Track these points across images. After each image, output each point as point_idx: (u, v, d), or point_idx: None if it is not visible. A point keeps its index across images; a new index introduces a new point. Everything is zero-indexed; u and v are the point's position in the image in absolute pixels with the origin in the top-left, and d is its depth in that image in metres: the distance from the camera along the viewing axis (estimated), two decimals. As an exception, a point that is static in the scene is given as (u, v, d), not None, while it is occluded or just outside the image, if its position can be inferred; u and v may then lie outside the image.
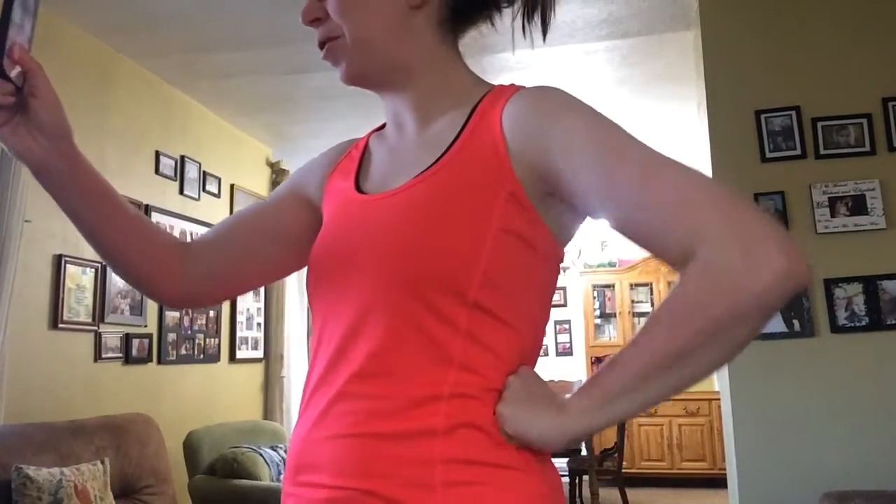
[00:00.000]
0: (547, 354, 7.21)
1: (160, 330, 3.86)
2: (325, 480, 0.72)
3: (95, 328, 3.38)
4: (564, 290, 7.29)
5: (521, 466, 0.72)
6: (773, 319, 2.70)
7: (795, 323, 2.75)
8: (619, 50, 3.73)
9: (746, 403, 2.77)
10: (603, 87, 4.15)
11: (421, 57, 0.83)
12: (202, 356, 4.25)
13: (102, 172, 0.84)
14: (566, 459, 5.42)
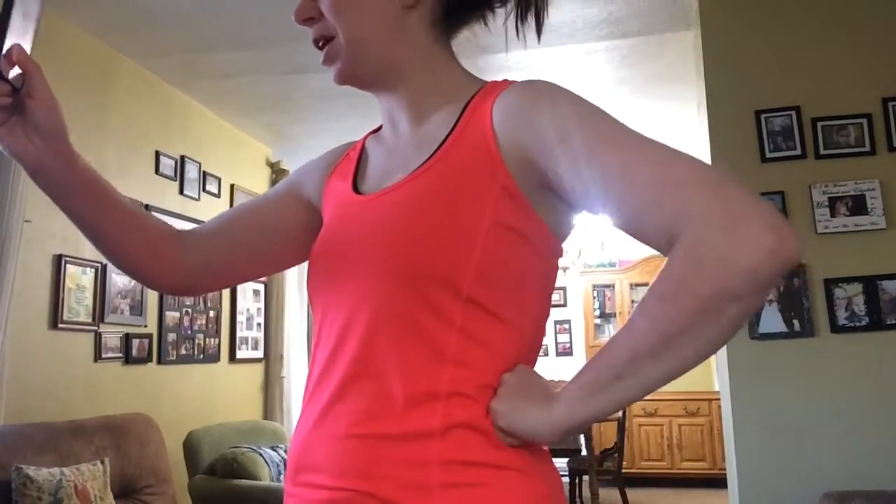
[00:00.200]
0: (547, 354, 7.20)
1: (160, 330, 3.86)
2: (324, 481, 0.73)
3: (95, 328, 3.38)
4: (564, 290, 7.29)
5: (519, 467, 0.72)
6: (766, 301, 2.67)
7: (795, 323, 2.75)
8: (619, 50, 3.72)
9: (746, 403, 2.77)
10: (603, 87, 4.15)
11: (414, 56, 0.83)
12: (202, 356, 4.25)
13: (102, 172, 0.85)
14: (566, 459, 5.41)
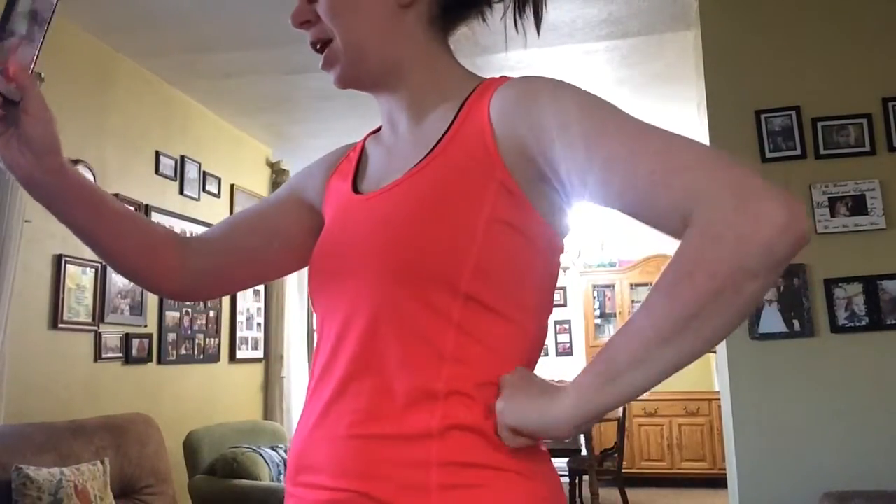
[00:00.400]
0: (547, 354, 7.20)
1: (160, 330, 3.86)
2: (324, 482, 0.73)
3: (95, 328, 3.38)
4: (564, 290, 7.29)
5: (518, 469, 0.71)
6: (766, 301, 2.66)
7: (795, 323, 2.75)
8: (619, 50, 3.72)
9: (746, 403, 2.77)
10: (603, 87, 4.15)
11: (413, 56, 0.83)
12: (202, 356, 4.25)
13: (102, 172, 0.86)
14: (566, 459, 5.41)
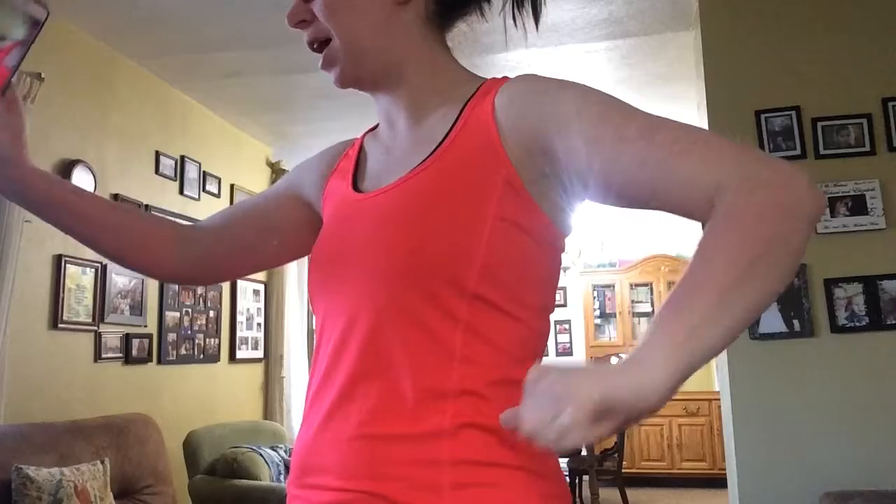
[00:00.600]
0: (547, 354, 7.18)
1: (160, 330, 3.86)
2: (331, 483, 0.72)
3: (95, 328, 3.38)
4: (564, 290, 7.29)
5: (530, 467, 0.71)
6: (775, 319, 2.64)
7: (795, 323, 2.74)
8: (619, 50, 3.72)
9: (746, 403, 2.77)
10: (603, 87, 4.10)
11: (411, 54, 0.82)
12: (202, 356, 4.25)
13: (102, 172, 0.86)
14: (566, 459, 5.41)
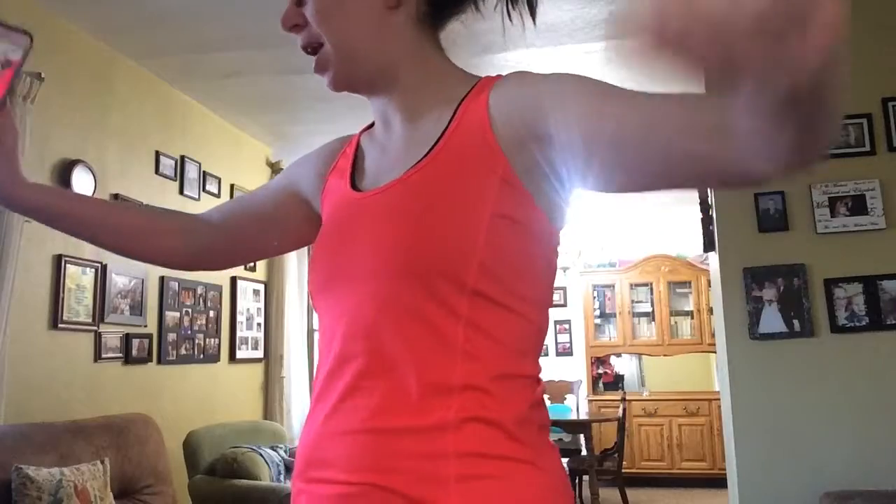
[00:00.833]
0: (547, 354, 7.20)
1: (160, 330, 3.86)
2: (337, 476, 0.72)
3: (95, 328, 3.37)
4: (564, 290, 7.29)
5: (534, 461, 0.72)
6: (766, 302, 2.63)
7: (795, 323, 2.75)
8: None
9: (746, 403, 2.77)
10: (603, 87, 4.15)
11: (404, 56, 0.83)
12: (202, 356, 4.25)
13: (102, 172, 0.87)
14: (566, 459, 5.42)
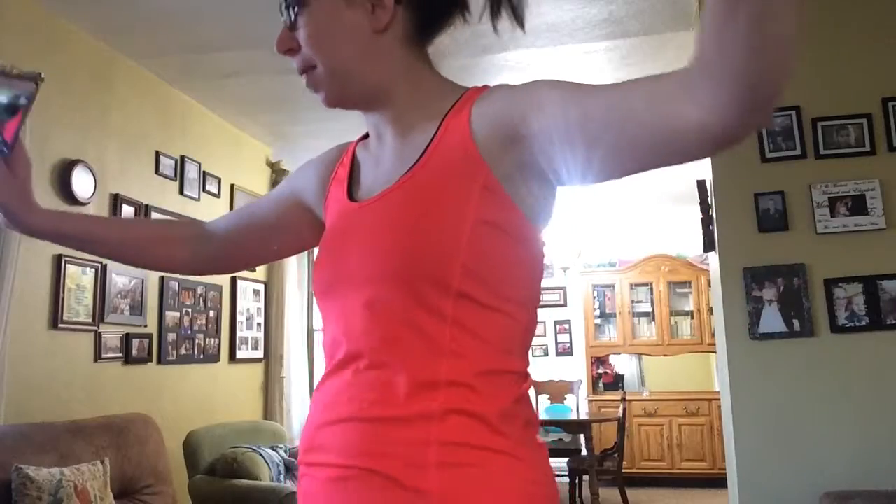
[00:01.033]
0: (547, 354, 7.21)
1: (160, 330, 3.86)
2: (333, 460, 0.79)
3: (95, 328, 3.38)
4: (564, 290, 7.29)
5: (513, 453, 0.77)
6: (766, 301, 2.65)
7: (795, 323, 2.75)
8: (619, 50, 3.72)
9: (746, 403, 2.77)
10: (603, 87, 4.15)
11: (393, 75, 0.87)
12: (202, 356, 4.25)
13: (102, 172, 0.87)
14: (566, 459, 5.42)
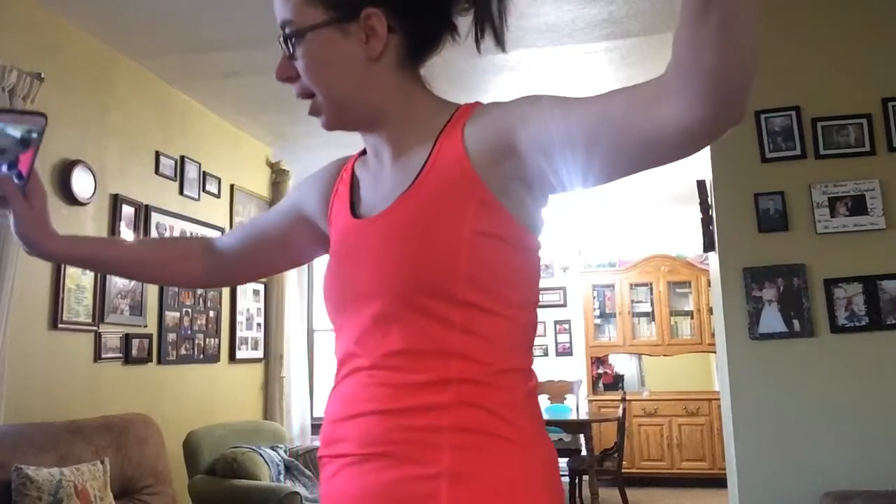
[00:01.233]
0: (547, 354, 7.20)
1: (160, 330, 3.86)
2: (352, 450, 0.85)
3: (95, 328, 3.38)
4: (564, 290, 7.29)
5: (521, 441, 0.83)
6: (766, 301, 2.66)
7: (795, 323, 2.75)
8: (619, 50, 3.73)
9: (746, 403, 2.77)
10: (603, 87, 4.15)
11: (388, 100, 0.92)
12: (202, 356, 4.25)
13: (102, 172, 0.88)
14: (566, 459, 5.41)
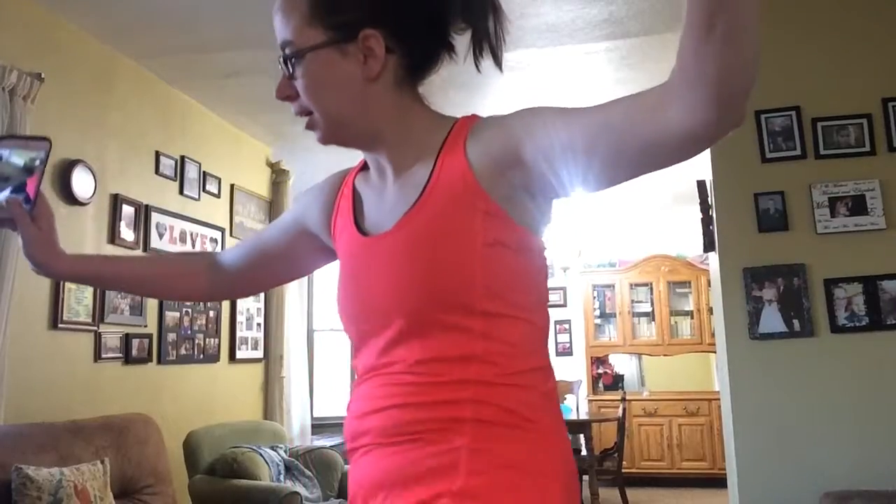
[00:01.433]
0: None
1: (160, 330, 3.86)
2: (376, 441, 0.89)
3: (95, 328, 3.38)
4: (564, 290, 7.28)
5: (539, 431, 0.86)
6: (766, 301, 2.66)
7: (795, 323, 2.74)
8: (619, 50, 3.72)
9: (746, 403, 2.77)
10: (603, 87, 4.15)
11: (386, 118, 0.93)
12: (202, 356, 4.25)
13: (102, 172, 0.87)
14: (566, 459, 5.40)
